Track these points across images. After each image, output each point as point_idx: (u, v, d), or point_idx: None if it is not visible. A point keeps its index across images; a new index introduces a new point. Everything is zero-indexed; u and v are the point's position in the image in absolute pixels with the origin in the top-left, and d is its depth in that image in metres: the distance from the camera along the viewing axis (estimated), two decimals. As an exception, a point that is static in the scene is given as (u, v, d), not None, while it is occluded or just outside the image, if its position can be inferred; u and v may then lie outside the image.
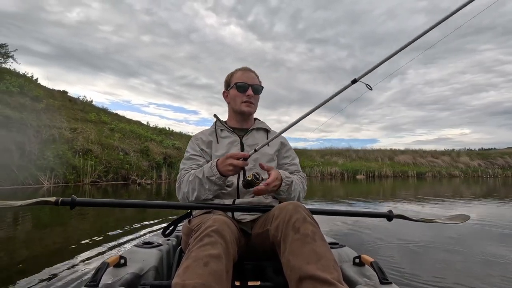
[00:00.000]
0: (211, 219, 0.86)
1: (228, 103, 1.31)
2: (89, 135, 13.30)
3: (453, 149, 29.13)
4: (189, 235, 0.93)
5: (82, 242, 2.46)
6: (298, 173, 1.27)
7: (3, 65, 15.62)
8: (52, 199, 0.94)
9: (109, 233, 2.82)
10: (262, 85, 1.31)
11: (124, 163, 12.86)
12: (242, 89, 1.21)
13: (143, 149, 14.69)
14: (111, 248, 2.27)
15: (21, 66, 24.70)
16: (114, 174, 12.36)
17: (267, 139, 1.24)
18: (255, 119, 1.37)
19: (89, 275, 0.85)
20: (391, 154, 25.37)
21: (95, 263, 1.87)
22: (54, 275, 1.66)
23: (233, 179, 1.14)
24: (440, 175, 21.75)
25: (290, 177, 1.09)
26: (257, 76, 1.29)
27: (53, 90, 18.61)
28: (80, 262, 1.93)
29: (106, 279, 0.86)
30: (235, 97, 1.24)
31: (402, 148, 27.10)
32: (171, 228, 1.14)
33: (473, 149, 31.23)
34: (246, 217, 1.08)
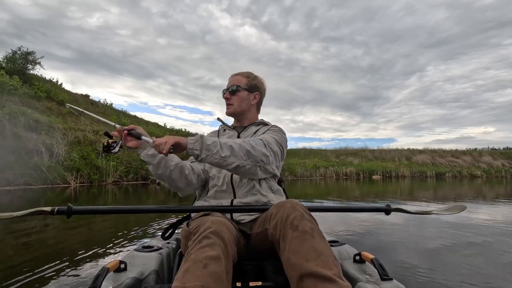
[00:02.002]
0: (209, 220, 0.86)
1: None
2: (111, 137, 13.90)
3: (476, 148, 28.08)
4: (187, 238, 0.93)
5: (81, 247, 2.46)
6: (263, 136, 1.14)
7: (31, 71, 16.58)
8: (48, 208, 0.92)
9: (109, 238, 2.81)
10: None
11: (144, 164, 13.34)
12: (223, 95, 1.33)
13: (161, 150, 15.19)
14: (110, 253, 2.26)
15: (46, 71, 25.95)
16: (134, 174, 12.88)
17: (259, 130, 1.30)
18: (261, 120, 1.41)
19: (89, 281, 0.84)
20: (409, 154, 24.79)
21: (95, 269, 1.86)
22: (53, 281, 1.65)
23: (225, 175, 1.16)
24: (460, 176, 21.06)
25: (198, 136, 0.95)
26: (247, 76, 1.33)
27: (76, 94, 19.54)
28: (79, 267, 1.90)
29: (106, 284, 0.86)
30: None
31: (420, 147, 26.43)
32: (170, 231, 1.14)
33: (497, 148, 29.95)
34: (245, 217, 1.09)
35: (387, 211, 1.12)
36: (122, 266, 0.98)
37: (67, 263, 1.98)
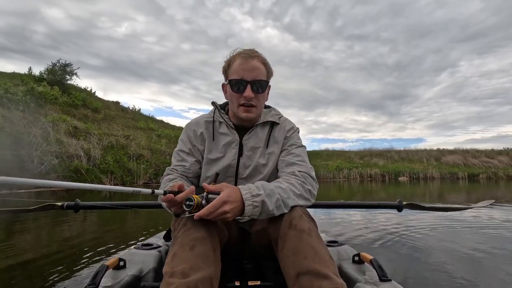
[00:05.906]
0: None
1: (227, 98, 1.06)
2: (140, 141, 14.72)
3: (514, 148, 26.21)
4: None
5: (81, 244, 2.45)
6: (298, 166, 0.97)
7: (69, 82, 17.95)
8: (59, 203, 0.95)
9: (108, 235, 2.80)
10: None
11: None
12: (238, 89, 0.94)
13: (186, 153, 15.82)
14: (110, 250, 2.25)
15: (81, 80, 27.81)
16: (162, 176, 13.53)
17: (270, 135, 1.05)
18: (265, 106, 1.11)
19: (88, 278, 0.86)
20: (438, 155, 23.70)
21: (94, 266, 1.85)
22: (53, 279, 1.63)
23: (230, 179, 1.04)
24: (496, 177, 19.83)
25: (260, 194, 0.81)
26: (264, 63, 0.97)
27: (108, 101, 20.82)
28: (78, 264, 1.89)
29: (105, 281, 0.87)
30: (231, 97, 0.99)
31: (452, 147, 25.17)
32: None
33: (538, 147, 27.73)
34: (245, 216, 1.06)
35: (399, 207, 1.10)
36: (121, 263, 0.99)
37: (67, 260, 1.99)
